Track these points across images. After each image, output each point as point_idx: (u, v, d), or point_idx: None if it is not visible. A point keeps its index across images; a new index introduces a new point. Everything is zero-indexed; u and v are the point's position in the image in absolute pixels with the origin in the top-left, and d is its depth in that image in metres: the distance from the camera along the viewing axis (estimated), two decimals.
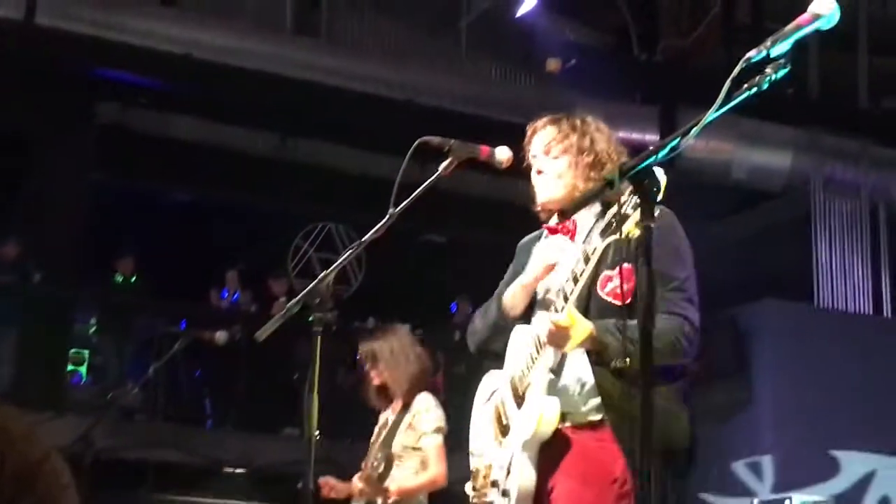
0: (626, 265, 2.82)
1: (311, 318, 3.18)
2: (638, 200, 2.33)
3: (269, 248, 12.60)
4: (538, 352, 3.02)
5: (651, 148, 2.27)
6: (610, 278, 2.98)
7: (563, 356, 3.04)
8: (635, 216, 2.35)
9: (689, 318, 3.02)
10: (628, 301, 2.76)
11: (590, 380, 2.99)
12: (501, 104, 10.41)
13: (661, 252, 2.70)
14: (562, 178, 3.23)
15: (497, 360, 3.35)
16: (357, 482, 5.04)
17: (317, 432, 3.15)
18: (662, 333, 2.78)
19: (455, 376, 11.94)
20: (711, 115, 2.21)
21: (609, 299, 2.99)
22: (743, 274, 10.86)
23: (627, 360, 2.72)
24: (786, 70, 2.23)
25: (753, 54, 2.21)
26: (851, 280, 11.13)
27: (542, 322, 2.98)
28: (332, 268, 3.17)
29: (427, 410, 5.10)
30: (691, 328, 3.02)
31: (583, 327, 2.91)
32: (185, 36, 10.03)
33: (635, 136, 10.36)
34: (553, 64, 11.03)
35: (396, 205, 3.13)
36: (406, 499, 5.04)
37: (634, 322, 2.49)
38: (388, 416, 5.24)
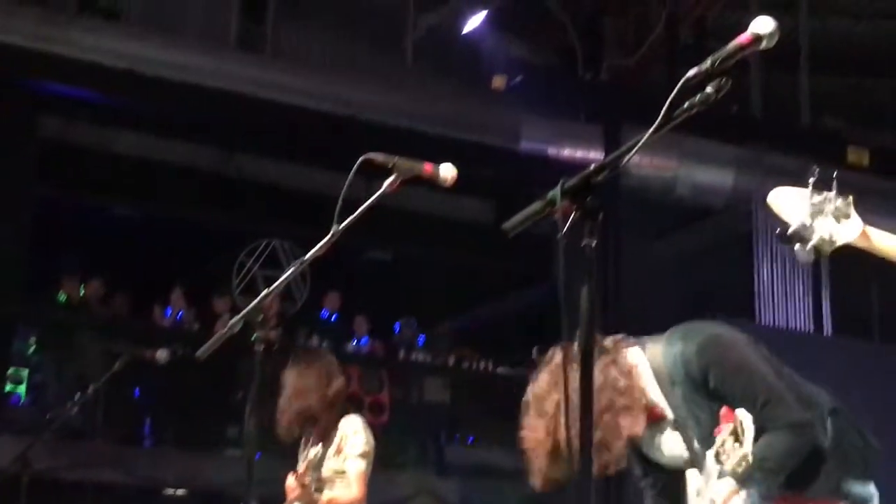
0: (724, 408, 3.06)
1: (253, 337, 3.15)
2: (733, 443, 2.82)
3: (214, 266, 12.51)
4: None
5: (593, 166, 2.27)
6: (719, 431, 3.08)
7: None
8: (733, 459, 2.88)
9: (789, 419, 3.17)
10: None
11: None
12: (447, 121, 10.43)
13: (735, 383, 3.16)
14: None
15: None
16: (292, 482, 4.98)
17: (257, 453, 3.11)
18: (781, 452, 3.11)
19: (398, 394, 11.94)
20: (652, 133, 2.22)
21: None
22: (686, 291, 10.93)
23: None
24: (726, 89, 2.24)
25: (694, 73, 2.22)
26: (792, 298, 11.24)
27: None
28: (274, 285, 3.14)
29: (355, 433, 5.05)
30: (798, 423, 3.19)
31: None
32: (129, 50, 9.94)
33: (579, 154, 10.43)
34: (499, 81, 11.07)
35: (341, 221, 3.11)
36: None
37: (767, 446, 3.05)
38: (314, 437, 5.18)
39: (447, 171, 3.24)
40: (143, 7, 11.01)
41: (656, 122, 2.21)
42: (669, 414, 3.32)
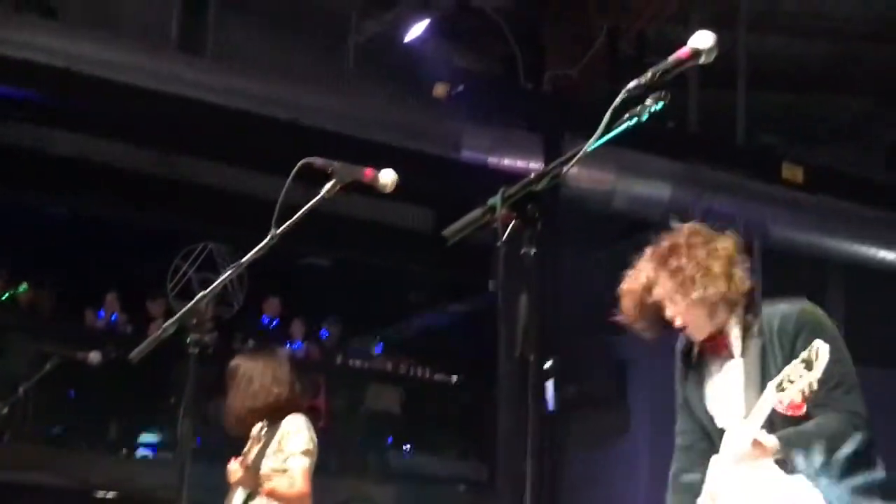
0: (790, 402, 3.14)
1: (188, 340, 3.13)
2: (804, 370, 2.91)
3: (149, 268, 12.38)
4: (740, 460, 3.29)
5: (532, 176, 2.29)
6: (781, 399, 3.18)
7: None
8: (800, 384, 2.97)
9: (853, 408, 3.30)
10: (803, 412, 3.16)
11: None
12: (388, 127, 10.42)
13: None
14: (697, 320, 3.46)
15: None
16: (237, 468, 4.96)
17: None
18: (836, 434, 3.22)
19: (335, 400, 11.91)
20: (592, 144, 2.24)
21: (788, 413, 3.20)
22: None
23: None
24: (664, 102, 2.27)
25: (633, 86, 2.25)
26: None
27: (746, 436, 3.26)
28: (209, 289, 3.13)
29: (297, 432, 5.05)
30: (859, 418, 3.30)
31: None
32: (66, 49, 9.80)
33: (520, 163, 10.47)
34: (440, 89, 11.08)
35: (279, 226, 3.10)
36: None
37: (807, 425, 3.20)
38: (262, 430, 5.17)
39: (387, 177, 3.25)
40: (82, 5, 10.89)
41: (597, 132, 2.24)
42: (736, 353, 3.43)
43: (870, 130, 13.35)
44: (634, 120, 2.27)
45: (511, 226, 2.39)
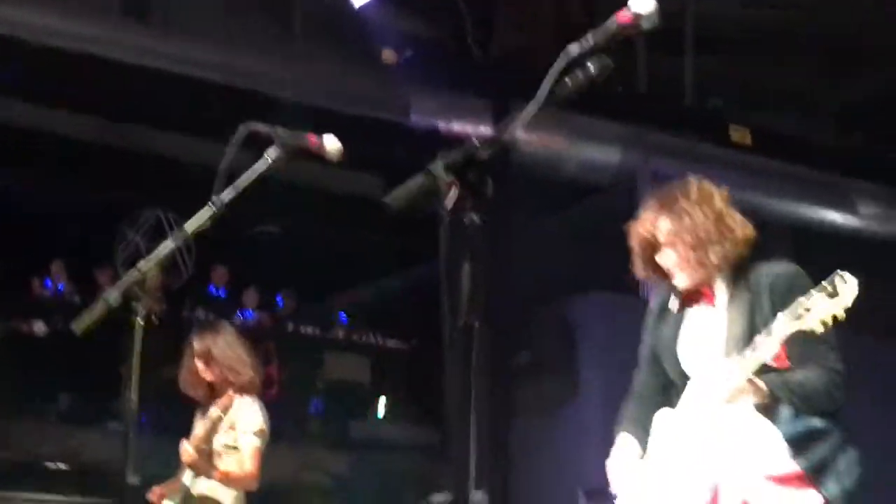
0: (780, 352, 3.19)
1: (134, 310, 3.11)
2: (827, 296, 2.92)
3: (96, 237, 12.26)
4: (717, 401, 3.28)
5: (476, 140, 2.28)
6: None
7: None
8: (821, 311, 2.95)
9: (836, 368, 3.34)
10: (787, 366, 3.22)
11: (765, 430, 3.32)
12: (336, 93, 10.35)
13: None
14: (689, 266, 3.49)
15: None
16: (189, 449, 4.95)
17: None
18: (819, 389, 3.28)
19: (287, 368, 11.89)
20: (533, 108, 2.24)
21: (775, 365, 3.24)
22: (571, 266, 11.06)
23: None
24: (609, 66, 2.26)
25: (574, 50, 2.24)
26: None
27: (718, 375, 3.29)
28: (154, 256, 3.10)
29: (249, 411, 5.06)
30: (839, 377, 3.35)
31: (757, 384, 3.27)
32: (8, 16, 9.63)
33: (468, 129, 10.45)
34: (388, 55, 11.02)
35: (222, 193, 3.07)
36: (223, 491, 5.01)
37: (795, 374, 3.23)
38: (210, 412, 5.16)
39: (332, 144, 3.23)
40: None
41: (537, 98, 2.23)
42: (721, 303, 3.47)
43: (818, 93, 13.45)
44: (576, 85, 2.27)
45: (454, 193, 2.38)
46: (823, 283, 3.05)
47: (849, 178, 12.45)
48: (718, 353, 3.39)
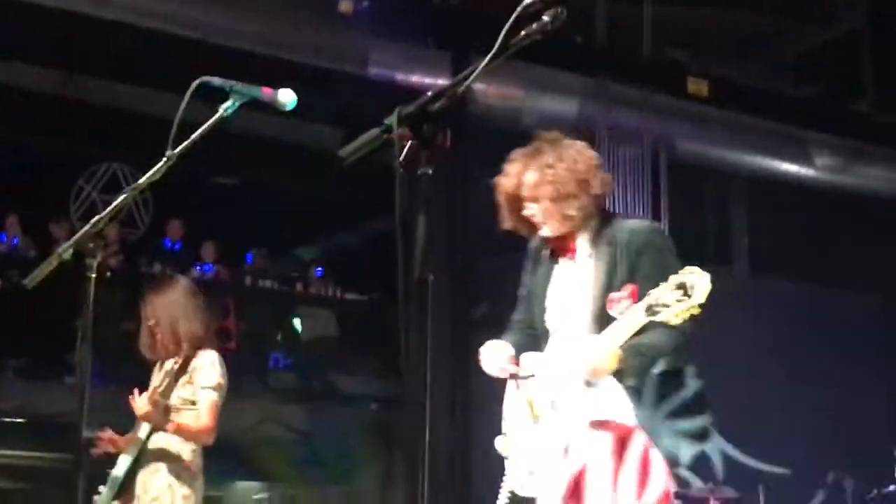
0: (631, 286, 3.31)
1: (87, 263, 3.09)
2: (682, 295, 3.01)
3: (51, 191, 12.13)
4: (575, 373, 3.44)
5: (430, 93, 2.27)
6: (619, 300, 3.32)
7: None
8: (676, 308, 3.04)
9: (683, 330, 3.40)
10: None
11: (619, 392, 3.45)
12: (294, 45, 10.26)
13: (653, 271, 3.40)
14: (554, 218, 3.64)
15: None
16: (143, 402, 4.92)
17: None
18: (667, 350, 3.44)
19: (246, 322, 11.86)
20: (488, 61, 2.23)
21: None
22: None
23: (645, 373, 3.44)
24: (563, 17, 2.25)
25: (529, 2, 2.24)
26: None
27: (577, 350, 3.44)
28: (106, 211, 3.07)
29: (209, 366, 5.05)
30: (685, 338, 3.50)
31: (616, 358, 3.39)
32: None
33: (428, 80, 10.40)
34: (345, 5, 10.91)
35: (175, 146, 3.05)
36: (179, 444, 5.01)
37: (644, 339, 3.30)
38: (168, 365, 5.15)
39: (286, 97, 3.20)
40: None
41: (493, 50, 2.22)
42: (583, 257, 3.63)
43: (776, 44, 13.48)
44: (532, 36, 2.26)
45: (409, 145, 2.37)
46: (677, 278, 3.14)
47: (805, 130, 12.52)
48: (581, 308, 3.57)
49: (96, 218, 3.05)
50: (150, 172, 3.05)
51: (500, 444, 3.73)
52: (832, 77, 13.50)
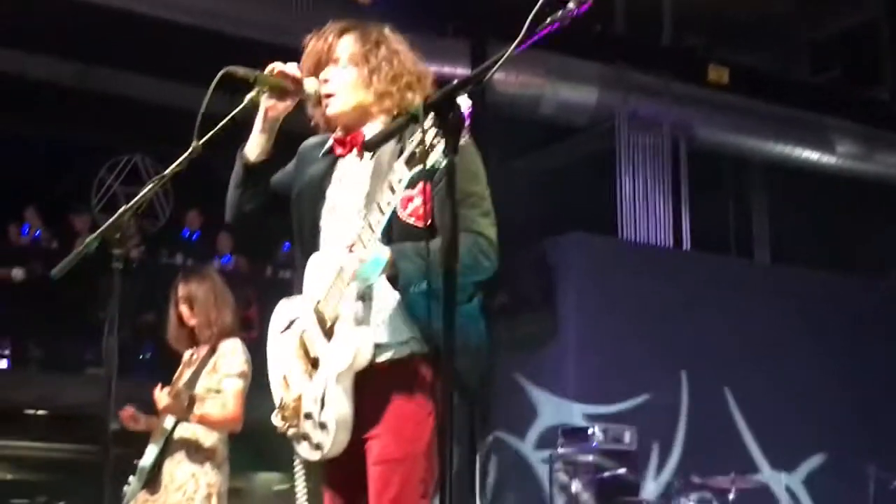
0: (425, 184, 2.78)
1: (112, 255, 3.09)
2: (440, 130, 2.33)
3: (72, 182, 12.18)
4: (344, 283, 2.93)
5: (455, 82, 2.27)
6: (411, 199, 2.91)
7: (371, 285, 2.97)
8: (440, 147, 2.34)
9: (485, 233, 3.00)
10: (429, 222, 2.80)
11: (398, 308, 2.95)
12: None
13: (464, 169, 2.83)
14: (352, 92, 3.15)
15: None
16: (164, 395, 4.96)
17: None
18: (461, 254, 2.60)
19: (268, 311, 11.86)
20: (514, 48, 2.22)
21: (411, 221, 2.95)
22: (549, 207, 11.07)
23: (425, 283, 2.80)
24: (586, 5, 2.25)
25: None
26: (654, 214, 11.47)
27: (345, 255, 2.91)
28: (132, 202, 3.07)
29: (232, 354, 5.07)
30: (487, 242, 3.00)
31: (385, 256, 2.88)
32: None
33: (447, 69, 10.38)
34: None
35: (200, 137, 3.04)
36: (203, 434, 5.03)
37: (434, 243, 2.67)
38: (193, 354, 5.18)
39: (311, 86, 3.20)
40: None
41: (518, 38, 2.22)
42: (366, 156, 3.08)
43: (794, 31, 13.42)
44: (556, 25, 2.25)
45: (435, 134, 2.37)
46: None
47: (826, 117, 12.47)
48: (356, 210, 3.05)
49: (123, 208, 3.05)
50: (176, 163, 3.05)
51: (275, 419, 3.12)
52: (850, 65, 13.44)
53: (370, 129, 3.11)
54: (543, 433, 10.13)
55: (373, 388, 2.96)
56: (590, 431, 8.91)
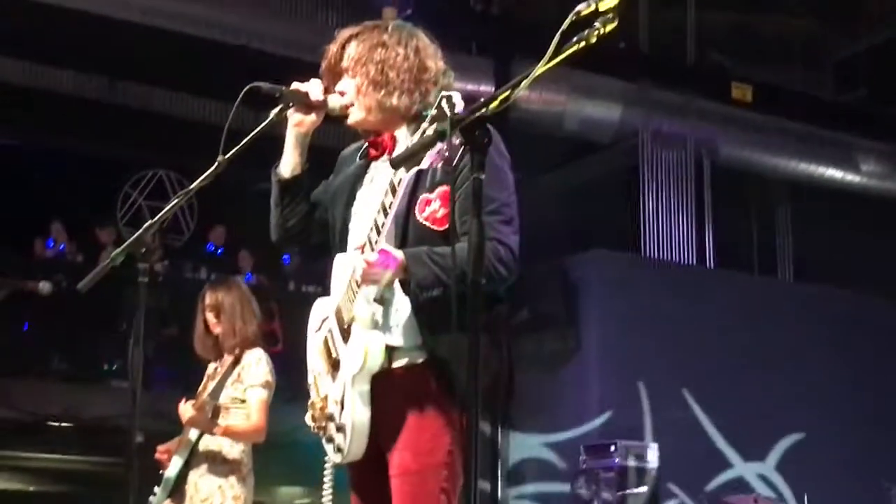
0: (444, 188, 2.82)
1: (137, 269, 3.11)
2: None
3: (98, 196, 12.25)
4: (358, 285, 2.91)
5: (482, 100, 2.28)
6: (429, 202, 2.90)
7: (391, 288, 2.93)
8: (438, 146, 2.32)
9: (504, 241, 2.90)
10: (446, 227, 2.79)
11: (413, 312, 2.89)
12: None
13: (489, 174, 2.59)
14: (363, 98, 3.11)
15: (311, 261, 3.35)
16: (188, 408, 4.98)
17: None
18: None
19: (291, 326, 11.90)
20: (541, 67, 2.24)
21: (427, 224, 2.91)
22: (572, 224, 11.07)
23: (440, 290, 2.78)
24: (613, 24, 2.26)
25: (583, 7, 2.24)
26: (677, 231, 11.45)
27: (356, 258, 2.90)
28: (158, 216, 3.10)
29: (257, 364, 5.09)
30: (507, 251, 2.89)
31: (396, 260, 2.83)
32: None
33: (470, 87, 10.41)
34: (389, 13, 10.95)
35: (226, 152, 3.07)
36: (228, 446, 5.05)
37: (448, 249, 2.65)
38: (217, 366, 5.20)
39: (335, 102, 3.22)
40: None
41: (546, 56, 2.23)
42: (396, 152, 2.98)
43: (818, 49, 13.40)
44: (583, 43, 2.27)
45: (461, 151, 2.38)
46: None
47: (850, 135, 12.44)
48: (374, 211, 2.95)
49: (149, 222, 3.07)
50: (202, 178, 3.07)
51: (307, 418, 3.14)
52: (875, 84, 13.39)
53: (400, 134, 3.07)
54: (567, 448, 10.12)
55: (390, 396, 2.93)
56: (612, 448, 8.88)
